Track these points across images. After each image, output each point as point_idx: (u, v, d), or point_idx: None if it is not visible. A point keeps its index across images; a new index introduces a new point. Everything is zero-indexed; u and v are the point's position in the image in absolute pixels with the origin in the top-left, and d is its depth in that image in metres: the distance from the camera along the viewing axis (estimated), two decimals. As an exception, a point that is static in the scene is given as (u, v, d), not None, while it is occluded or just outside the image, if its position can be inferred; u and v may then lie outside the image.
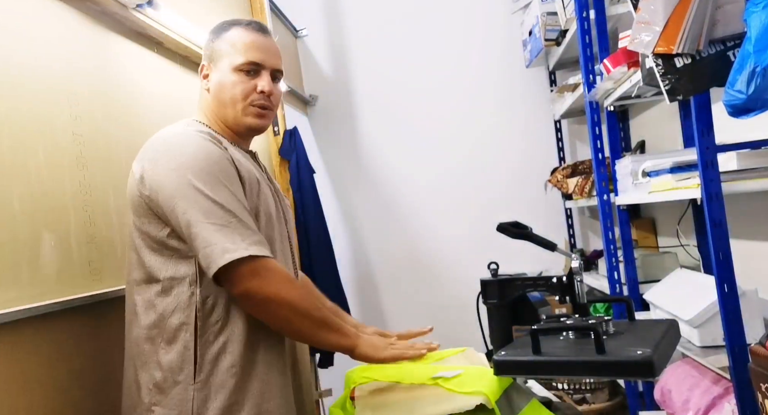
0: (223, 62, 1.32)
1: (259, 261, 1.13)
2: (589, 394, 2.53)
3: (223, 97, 1.32)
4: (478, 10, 3.40)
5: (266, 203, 1.28)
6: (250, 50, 1.31)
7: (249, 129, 1.35)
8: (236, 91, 1.30)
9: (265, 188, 1.31)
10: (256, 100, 1.32)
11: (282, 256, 1.32)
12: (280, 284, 1.15)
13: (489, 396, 1.07)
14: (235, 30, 1.33)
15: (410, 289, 3.47)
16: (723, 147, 1.36)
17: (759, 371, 1.10)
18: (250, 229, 1.15)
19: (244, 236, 1.13)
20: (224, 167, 1.18)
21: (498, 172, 3.39)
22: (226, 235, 1.11)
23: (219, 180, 1.16)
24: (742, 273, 1.36)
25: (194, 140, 1.20)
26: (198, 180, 1.14)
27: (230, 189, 1.17)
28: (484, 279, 1.28)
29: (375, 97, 3.52)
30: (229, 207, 1.14)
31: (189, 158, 1.16)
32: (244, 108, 1.31)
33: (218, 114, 1.34)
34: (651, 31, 1.23)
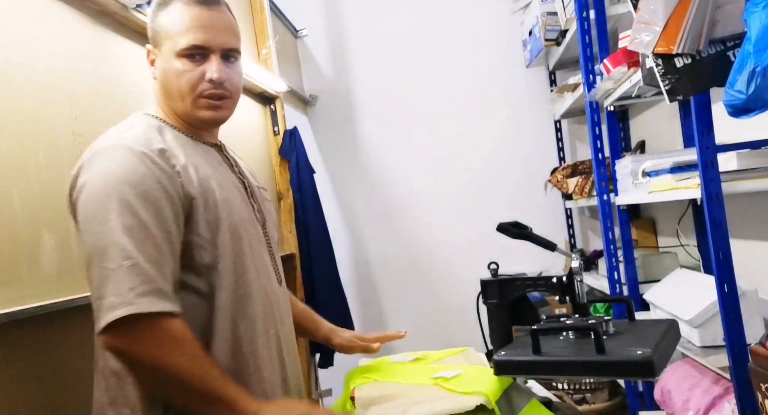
0: (165, 46, 1.12)
1: (146, 320, 0.93)
2: (589, 394, 2.53)
3: (169, 88, 1.13)
4: (478, 10, 3.40)
5: (231, 211, 1.10)
6: (192, 30, 1.10)
7: (203, 123, 1.16)
8: (182, 83, 1.11)
9: (231, 191, 1.14)
10: (206, 91, 1.12)
11: (257, 269, 1.14)
12: (160, 347, 0.95)
13: (489, 396, 1.07)
14: (177, 4, 1.12)
15: (410, 289, 3.47)
16: (723, 147, 1.36)
17: (759, 371, 1.10)
18: (148, 273, 0.95)
19: (135, 284, 0.93)
20: (147, 191, 0.99)
21: (498, 172, 3.39)
22: (117, 284, 0.93)
23: (132, 208, 0.97)
24: (742, 273, 1.36)
25: (125, 157, 1.01)
26: (109, 208, 0.97)
27: (144, 217, 0.97)
28: (484, 279, 1.28)
29: (375, 97, 3.52)
30: (129, 244, 0.95)
31: (110, 180, 0.99)
32: (194, 101, 1.12)
33: (170, 106, 1.15)
34: (651, 31, 1.23)
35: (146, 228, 0.97)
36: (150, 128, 1.10)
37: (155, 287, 0.95)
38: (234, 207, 1.12)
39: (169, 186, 1.02)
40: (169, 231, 1.01)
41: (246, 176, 1.24)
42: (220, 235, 1.07)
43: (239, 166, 1.25)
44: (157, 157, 1.03)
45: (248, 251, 1.12)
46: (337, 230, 3.41)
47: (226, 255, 1.08)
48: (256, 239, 1.16)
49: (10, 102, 1.22)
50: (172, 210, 1.02)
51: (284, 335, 1.19)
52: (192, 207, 1.05)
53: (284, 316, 1.22)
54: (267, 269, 1.18)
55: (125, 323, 0.93)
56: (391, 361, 1.40)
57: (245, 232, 1.13)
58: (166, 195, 1.01)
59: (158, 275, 0.97)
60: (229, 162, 1.22)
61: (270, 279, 1.18)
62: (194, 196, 1.05)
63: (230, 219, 1.09)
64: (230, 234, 1.09)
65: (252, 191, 1.23)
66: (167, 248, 1.00)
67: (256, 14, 2.81)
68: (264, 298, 1.14)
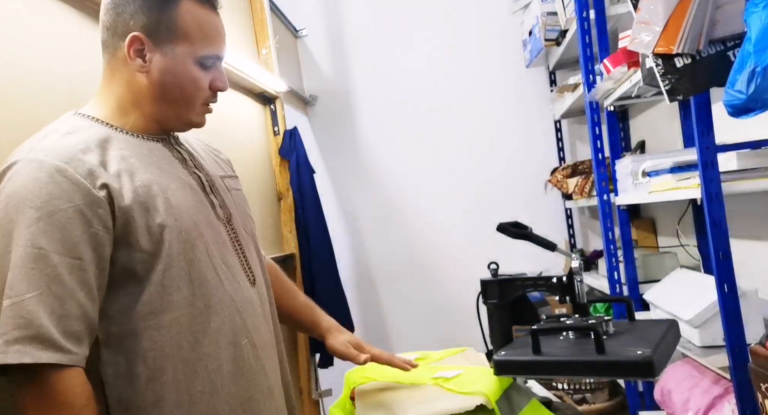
0: (179, 48, 1.02)
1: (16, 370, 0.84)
2: (589, 394, 2.53)
3: (175, 93, 1.04)
4: (478, 10, 3.40)
5: (179, 216, 0.99)
6: (215, 40, 1.05)
7: (189, 128, 1.11)
8: (197, 91, 1.05)
9: (180, 193, 1.02)
10: (210, 99, 1.08)
11: (218, 270, 1.03)
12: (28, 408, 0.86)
13: (489, 396, 1.07)
14: (190, 3, 1.02)
15: (410, 289, 3.47)
16: (723, 147, 1.36)
17: (759, 371, 1.10)
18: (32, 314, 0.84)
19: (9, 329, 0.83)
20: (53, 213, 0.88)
21: (498, 171, 3.39)
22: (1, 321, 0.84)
23: (32, 235, 0.86)
24: (742, 273, 1.36)
25: (32, 174, 0.90)
26: (4, 238, 0.88)
27: (43, 244, 0.86)
28: (484, 279, 1.28)
29: (375, 97, 3.52)
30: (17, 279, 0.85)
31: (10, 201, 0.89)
32: (197, 108, 1.07)
33: (148, 107, 1.05)
34: (651, 31, 1.23)
35: (44, 258, 0.86)
36: (69, 134, 0.97)
37: (34, 332, 0.83)
38: (184, 211, 1.00)
39: (84, 204, 0.90)
40: (78, 258, 0.89)
41: (204, 169, 1.12)
42: (166, 247, 0.96)
43: (194, 157, 1.13)
44: (74, 172, 0.91)
45: (205, 258, 1.01)
46: (337, 230, 3.41)
47: (177, 268, 0.97)
48: (217, 241, 1.05)
49: (9, 102, 1.22)
50: (86, 232, 0.90)
51: (261, 341, 1.09)
52: (126, 221, 0.93)
53: (260, 321, 1.10)
54: (232, 273, 1.06)
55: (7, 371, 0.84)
56: (391, 361, 1.40)
57: (200, 237, 1.01)
58: (79, 215, 0.89)
59: (48, 314, 0.84)
60: (182, 156, 1.10)
61: (237, 283, 1.07)
62: (127, 207, 0.93)
63: (179, 226, 0.98)
64: (180, 244, 0.98)
65: (212, 185, 1.11)
66: (75, 278, 0.88)
67: (256, 14, 2.81)
68: (229, 307, 1.03)
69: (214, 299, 1.01)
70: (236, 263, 1.08)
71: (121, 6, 1.03)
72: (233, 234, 1.10)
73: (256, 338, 1.07)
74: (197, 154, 1.15)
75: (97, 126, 1.02)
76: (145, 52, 1.02)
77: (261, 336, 1.09)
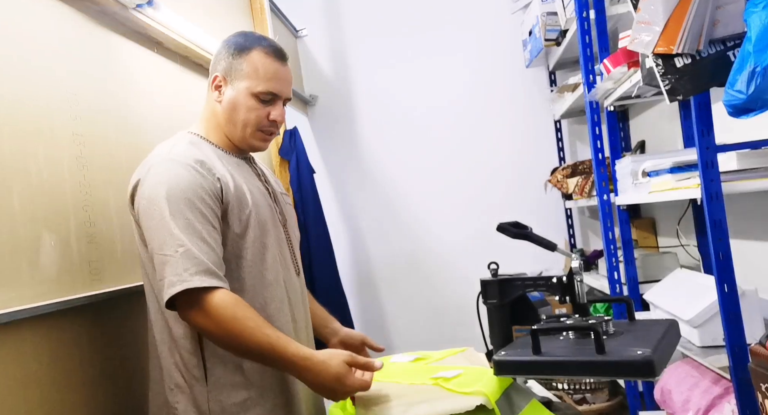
0: (242, 84, 1.34)
1: (200, 293, 1.15)
2: (589, 394, 2.53)
3: (235, 117, 1.35)
4: (478, 10, 3.40)
5: (258, 212, 1.31)
6: (273, 80, 1.35)
7: (251, 150, 1.41)
8: (250, 117, 1.34)
9: (258, 196, 1.35)
10: (266, 127, 1.37)
11: (278, 260, 1.35)
12: (217, 316, 1.15)
13: (489, 396, 1.07)
14: (259, 53, 1.35)
15: (410, 289, 3.47)
16: (723, 147, 1.36)
17: (759, 371, 1.10)
18: (198, 257, 1.17)
19: (188, 266, 1.15)
20: (192, 196, 1.21)
21: (498, 172, 3.39)
22: (173, 266, 1.15)
23: (181, 209, 1.19)
24: (742, 273, 1.36)
25: (173, 169, 1.24)
26: (164, 210, 1.19)
27: (190, 216, 1.19)
28: (484, 279, 1.28)
29: (375, 97, 3.52)
30: (181, 236, 1.17)
31: (162, 188, 1.21)
32: (253, 133, 1.36)
33: (224, 128, 1.37)
34: (651, 31, 1.23)
35: (193, 224, 1.19)
36: (191, 144, 1.32)
37: (205, 267, 1.17)
38: (260, 209, 1.33)
39: (210, 191, 1.24)
40: (212, 226, 1.22)
41: (271, 184, 1.46)
42: (249, 231, 1.29)
43: (266, 175, 1.47)
44: (200, 168, 1.25)
45: (272, 244, 1.34)
46: (337, 229, 3.41)
47: (254, 247, 1.30)
48: (277, 235, 1.37)
49: (9, 102, 1.22)
50: (212, 210, 1.23)
51: (298, 315, 1.39)
52: (228, 208, 1.26)
53: (299, 300, 1.41)
54: (286, 261, 1.39)
55: (186, 297, 1.15)
56: (391, 361, 1.40)
57: (270, 230, 1.34)
58: (208, 197, 1.23)
59: (207, 259, 1.18)
60: (257, 172, 1.44)
61: (288, 269, 1.39)
62: (230, 199, 1.27)
63: (258, 218, 1.31)
64: (259, 230, 1.31)
65: (276, 197, 1.44)
66: (212, 240, 1.21)
67: (256, 14, 2.82)
68: (281, 284, 1.35)
69: (271, 275, 1.33)
70: (288, 255, 1.41)
71: (217, 56, 1.39)
72: (287, 234, 1.43)
73: (296, 313, 1.39)
74: (267, 174, 1.49)
75: (204, 142, 1.36)
76: (222, 87, 1.36)
77: (299, 313, 1.40)
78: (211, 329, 1.16)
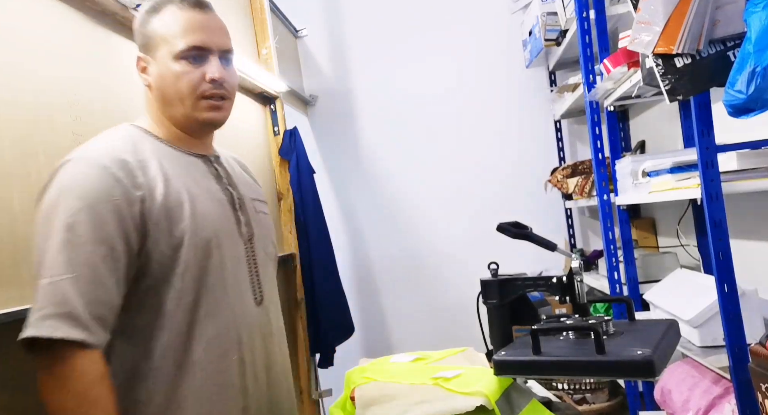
0: (161, 51, 1.11)
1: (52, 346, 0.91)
2: (589, 394, 2.53)
3: (167, 93, 1.11)
4: (478, 10, 3.40)
5: (200, 227, 1.06)
6: (191, 32, 1.10)
7: (204, 125, 1.16)
8: (182, 85, 1.10)
9: (208, 206, 1.10)
10: (207, 91, 1.11)
11: (227, 283, 1.09)
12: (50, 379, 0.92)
13: (489, 397, 1.07)
14: (169, 9, 1.12)
15: (410, 289, 3.47)
16: (723, 147, 1.36)
17: (759, 371, 1.10)
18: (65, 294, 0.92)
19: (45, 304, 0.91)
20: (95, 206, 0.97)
21: (498, 172, 3.39)
22: (35, 301, 0.93)
23: (72, 224, 0.95)
24: (742, 273, 1.36)
25: (81, 170, 1.00)
26: (52, 222, 0.96)
27: (81, 233, 0.95)
28: (484, 279, 1.28)
29: (375, 97, 3.52)
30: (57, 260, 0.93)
31: (58, 195, 0.98)
32: (195, 103, 1.11)
33: (165, 113, 1.14)
34: (651, 31, 1.23)
35: (82, 245, 0.95)
36: (126, 139, 1.09)
37: (66, 310, 0.91)
38: (207, 221, 1.08)
39: (122, 201, 1.00)
40: (112, 248, 0.97)
41: (237, 189, 1.20)
42: (183, 252, 1.04)
43: (231, 177, 1.21)
44: (117, 170, 1.01)
45: (217, 268, 1.07)
46: (337, 230, 3.41)
47: (188, 273, 1.04)
48: (233, 255, 1.11)
49: (10, 102, 1.22)
50: (120, 226, 0.99)
51: (252, 358, 1.12)
52: (155, 222, 1.02)
53: (256, 337, 1.14)
54: (239, 288, 1.12)
55: (34, 344, 0.91)
56: (391, 361, 1.40)
57: (217, 248, 1.08)
58: (116, 210, 0.99)
59: (79, 299, 0.92)
60: (218, 173, 1.18)
61: (242, 299, 1.12)
62: (153, 212, 1.02)
63: (199, 234, 1.05)
64: (196, 250, 1.05)
65: (242, 205, 1.18)
66: (106, 267, 0.96)
67: (256, 14, 2.81)
68: (227, 319, 1.08)
69: (214, 308, 1.07)
70: (245, 279, 1.14)
71: (135, 35, 1.18)
72: (251, 252, 1.16)
73: (247, 356, 1.11)
74: (234, 175, 1.23)
75: (147, 137, 1.12)
76: (147, 67, 1.15)
77: (254, 355, 1.13)
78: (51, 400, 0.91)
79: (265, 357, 1.16)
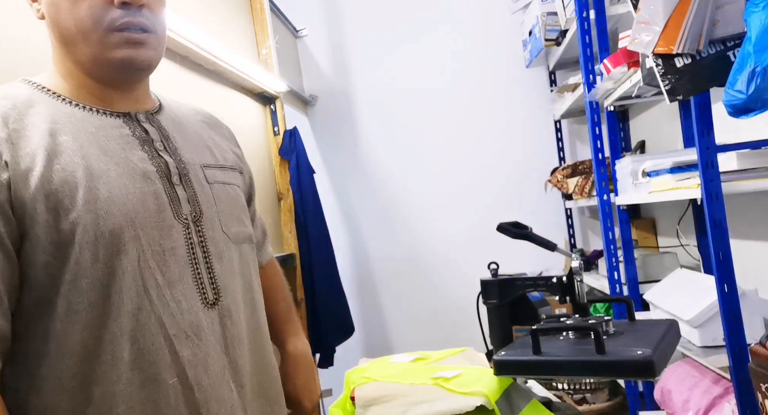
0: None
1: None
2: (589, 394, 2.53)
3: (64, 26, 0.84)
4: (478, 10, 3.40)
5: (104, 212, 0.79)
6: None
7: (121, 69, 0.86)
8: (80, 13, 0.82)
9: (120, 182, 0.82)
10: (118, 20, 0.83)
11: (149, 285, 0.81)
12: None
13: (489, 396, 1.07)
14: None
15: (410, 289, 3.47)
16: (723, 147, 1.36)
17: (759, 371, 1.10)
18: None
19: None
20: None
21: (498, 172, 3.39)
22: None
23: None
24: (742, 273, 1.36)
25: None
26: None
27: None
28: (484, 279, 1.28)
29: (375, 97, 3.52)
30: None
31: None
32: (103, 38, 0.83)
33: (68, 56, 0.86)
34: (651, 31, 1.23)
35: None
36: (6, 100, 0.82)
37: None
38: (116, 206, 0.80)
39: None
40: None
41: (177, 153, 0.91)
42: (75, 251, 0.77)
43: (169, 139, 0.92)
44: None
45: (133, 268, 0.80)
46: (337, 230, 3.41)
47: (89, 279, 0.77)
48: (160, 246, 0.83)
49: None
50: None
51: (208, 380, 0.84)
52: (29, 213, 0.76)
53: (212, 353, 0.85)
54: (172, 289, 0.83)
55: None
56: (391, 361, 1.40)
57: (133, 241, 0.80)
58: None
59: None
60: (146, 136, 0.89)
61: (176, 304, 0.82)
62: (30, 197, 0.76)
63: (100, 225, 0.78)
64: (96, 248, 0.78)
65: (183, 175, 0.90)
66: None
67: (256, 14, 2.81)
68: (153, 334, 0.80)
69: (132, 322, 0.79)
70: (185, 276, 0.84)
71: None
72: (199, 237, 0.87)
73: (198, 375, 0.83)
74: (179, 136, 0.94)
75: (42, 95, 0.85)
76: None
77: (208, 373, 0.84)
78: None
79: (232, 373, 0.88)
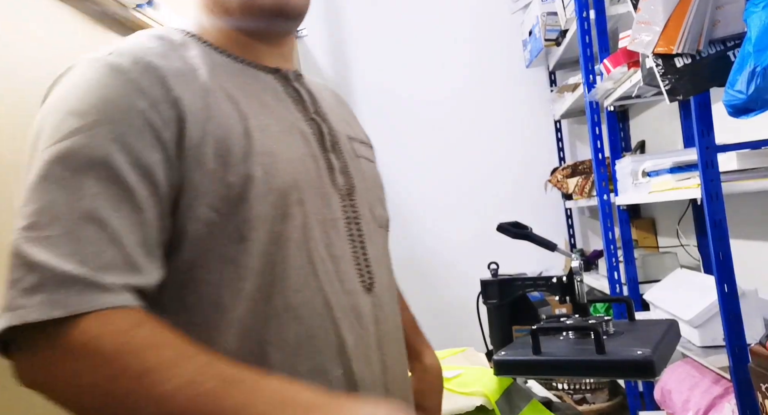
0: None
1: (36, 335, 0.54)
2: (589, 394, 2.53)
3: None
4: (478, 10, 3.40)
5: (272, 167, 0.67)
6: None
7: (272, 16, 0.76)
8: None
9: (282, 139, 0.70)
10: None
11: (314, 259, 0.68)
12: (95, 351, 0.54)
13: (489, 397, 1.07)
14: None
15: (410, 289, 3.43)
16: (723, 147, 1.36)
17: (759, 371, 1.10)
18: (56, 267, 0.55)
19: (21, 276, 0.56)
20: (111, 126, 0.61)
21: (498, 172, 3.39)
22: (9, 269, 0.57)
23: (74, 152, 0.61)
24: (742, 273, 1.36)
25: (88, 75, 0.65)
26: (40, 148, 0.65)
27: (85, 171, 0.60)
28: (484, 279, 1.28)
29: (374, 98, 3.52)
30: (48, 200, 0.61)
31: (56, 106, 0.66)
32: None
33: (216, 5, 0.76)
34: (651, 31, 1.23)
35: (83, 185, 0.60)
36: (161, 39, 0.71)
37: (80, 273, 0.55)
38: (283, 163, 0.68)
39: (152, 116, 0.63)
40: (147, 173, 0.61)
41: (327, 120, 0.79)
42: (247, 208, 0.64)
43: (318, 103, 0.80)
44: (140, 75, 0.64)
45: (299, 236, 0.67)
46: (337, 230, 3.40)
47: (257, 242, 0.65)
48: (324, 216, 0.71)
49: (10, 103, 1.22)
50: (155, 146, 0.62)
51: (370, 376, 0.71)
52: (191, 159, 0.63)
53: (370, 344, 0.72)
54: (337, 267, 0.70)
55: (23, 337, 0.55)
56: (391, 361, 1.40)
57: (299, 204, 0.68)
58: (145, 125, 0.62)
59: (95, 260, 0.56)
60: (299, 96, 0.78)
61: (341, 284, 0.70)
62: (196, 141, 0.64)
63: (271, 183, 0.66)
64: (266, 207, 0.65)
65: (335, 143, 0.78)
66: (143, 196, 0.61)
67: (256, 14, 2.81)
68: (320, 316, 0.67)
69: (297, 299, 0.66)
70: (347, 254, 0.72)
71: None
72: (352, 213, 0.75)
73: (362, 371, 0.70)
74: (324, 102, 0.82)
75: (194, 41, 0.75)
76: None
77: (371, 369, 0.71)
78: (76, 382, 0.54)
79: (381, 373, 0.73)
